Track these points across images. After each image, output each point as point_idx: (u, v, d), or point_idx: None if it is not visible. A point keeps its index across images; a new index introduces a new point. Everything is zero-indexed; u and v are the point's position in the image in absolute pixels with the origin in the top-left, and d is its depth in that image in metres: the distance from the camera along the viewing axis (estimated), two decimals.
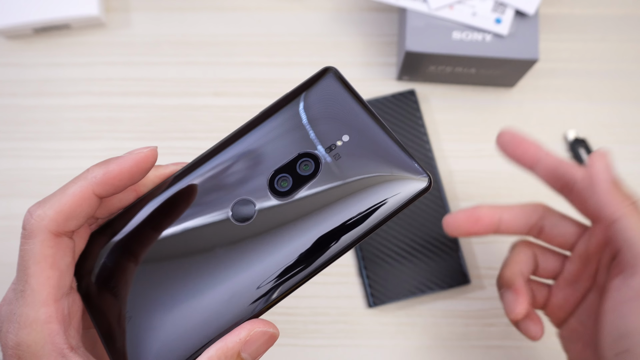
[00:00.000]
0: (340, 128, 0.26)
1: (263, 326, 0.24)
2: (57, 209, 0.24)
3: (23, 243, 0.24)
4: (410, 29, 0.45)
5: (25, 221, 0.24)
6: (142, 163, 0.25)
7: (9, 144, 0.49)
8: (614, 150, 0.49)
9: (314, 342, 0.46)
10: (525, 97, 0.51)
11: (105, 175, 0.24)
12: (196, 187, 0.27)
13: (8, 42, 0.52)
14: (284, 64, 0.51)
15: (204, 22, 0.52)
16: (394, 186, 0.25)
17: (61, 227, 0.24)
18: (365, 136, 0.26)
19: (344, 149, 0.26)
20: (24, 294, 0.23)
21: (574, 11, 0.52)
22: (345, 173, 0.26)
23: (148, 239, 0.26)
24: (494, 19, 0.45)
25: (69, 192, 0.24)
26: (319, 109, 0.27)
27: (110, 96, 0.51)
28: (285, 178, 0.26)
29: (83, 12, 0.50)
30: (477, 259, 0.47)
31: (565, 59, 0.51)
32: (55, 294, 0.24)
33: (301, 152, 0.26)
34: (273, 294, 0.25)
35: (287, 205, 0.26)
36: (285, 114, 0.27)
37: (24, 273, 0.24)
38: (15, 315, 0.23)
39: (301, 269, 0.25)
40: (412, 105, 0.49)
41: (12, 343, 0.23)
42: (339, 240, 0.25)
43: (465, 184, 0.49)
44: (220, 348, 0.24)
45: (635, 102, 0.50)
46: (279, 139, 0.27)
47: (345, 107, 0.26)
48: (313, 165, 0.26)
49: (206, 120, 0.50)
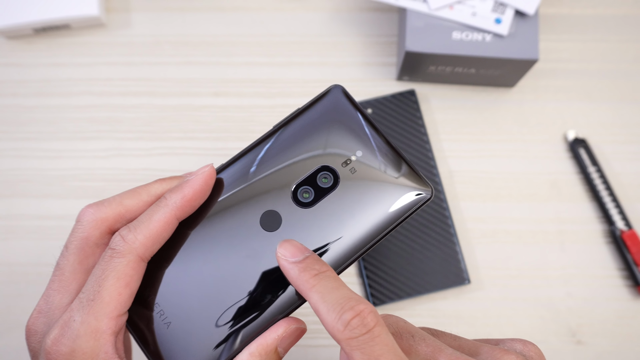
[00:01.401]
0: (353, 144, 0.29)
1: (296, 323, 0.27)
2: (147, 235, 0.26)
3: (110, 260, 0.26)
4: (410, 29, 0.45)
5: (116, 243, 0.26)
6: (210, 180, 0.28)
7: (10, 144, 0.50)
8: (614, 150, 0.49)
9: (314, 342, 0.46)
10: (525, 97, 0.51)
11: (183, 200, 0.27)
12: (224, 204, 0.29)
13: (8, 42, 0.52)
14: (284, 64, 0.51)
15: (204, 22, 0.52)
16: (403, 197, 0.29)
17: (148, 251, 0.27)
18: (375, 152, 0.29)
19: (358, 163, 0.29)
20: (92, 303, 0.25)
21: (574, 11, 0.52)
22: (360, 185, 0.29)
23: (177, 248, 0.29)
24: (494, 19, 0.45)
25: (155, 219, 0.27)
26: (331, 126, 0.30)
27: (110, 96, 0.51)
28: (307, 190, 0.29)
29: (83, 12, 0.50)
30: (477, 259, 0.47)
31: (565, 59, 0.51)
32: (120, 310, 0.26)
33: (321, 165, 0.29)
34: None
35: (309, 213, 0.29)
36: (302, 131, 0.30)
37: (98, 285, 0.26)
38: (76, 322, 0.25)
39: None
40: (412, 105, 0.49)
41: (65, 349, 0.25)
42: (357, 245, 0.28)
43: (465, 184, 0.49)
44: (260, 344, 0.27)
45: (635, 102, 0.50)
46: (299, 153, 0.30)
47: (355, 124, 0.29)
48: (332, 179, 0.29)
49: (206, 120, 0.50)
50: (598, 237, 0.48)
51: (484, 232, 0.48)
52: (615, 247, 0.47)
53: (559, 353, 0.45)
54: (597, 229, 0.48)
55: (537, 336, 0.45)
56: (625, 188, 0.48)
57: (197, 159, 0.49)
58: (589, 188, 0.48)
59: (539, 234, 0.48)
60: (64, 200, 0.48)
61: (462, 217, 0.48)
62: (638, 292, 0.46)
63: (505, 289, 0.47)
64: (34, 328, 0.27)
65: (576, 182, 0.49)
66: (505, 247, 0.47)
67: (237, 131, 0.50)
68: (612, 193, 0.47)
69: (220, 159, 0.49)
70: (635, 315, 0.46)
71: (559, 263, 0.47)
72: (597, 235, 0.48)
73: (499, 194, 0.49)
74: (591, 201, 0.48)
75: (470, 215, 0.48)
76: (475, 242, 0.48)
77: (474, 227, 0.48)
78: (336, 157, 0.29)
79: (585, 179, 0.49)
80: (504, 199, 0.48)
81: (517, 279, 0.47)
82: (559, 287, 0.47)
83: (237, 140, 0.49)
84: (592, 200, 0.48)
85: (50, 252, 0.47)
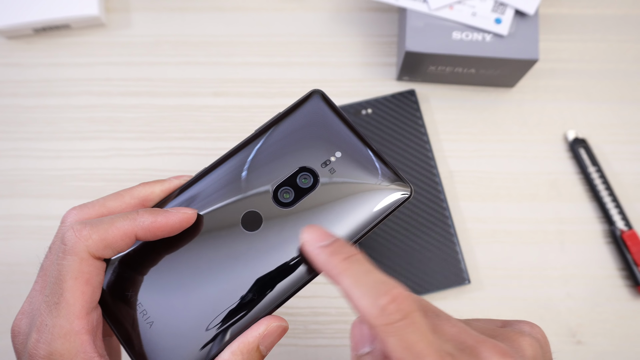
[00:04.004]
0: (332, 146, 0.30)
1: (277, 321, 0.28)
2: (102, 236, 0.26)
3: (62, 258, 0.26)
4: (410, 29, 0.45)
5: (68, 237, 0.26)
6: (185, 224, 0.28)
7: (10, 144, 0.49)
8: (614, 150, 0.49)
9: (314, 342, 0.46)
10: (525, 97, 0.51)
11: (151, 224, 0.27)
12: (206, 206, 0.30)
13: (8, 42, 0.52)
14: (284, 64, 0.51)
15: (204, 22, 0.52)
16: (382, 196, 0.29)
17: (100, 252, 0.26)
18: (354, 153, 0.30)
19: (337, 164, 0.30)
20: (58, 306, 0.25)
21: (574, 11, 0.52)
22: (339, 185, 0.29)
23: (160, 249, 0.29)
24: (494, 19, 0.45)
25: (116, 226, 0.26)
26: (311, 128, 0.30)
27: (110, 96, 0.51)
28: (287, 190, 0.29)
29: (83, 12, 0.50)
30: (477, 259, 0.47)
31: (565, 59, 0.51)
32: (88, 308, 0.26)
33: (300, 166, 0.30)
34: (285, 292, 0.28)
35: (290, 213, 0.29)
36: (282, 134, 0.30)
37: (59, 286, 0.25)
38: (48, 327, 0.25)
39: (305, 268, 0.29)
40: (412, 105, 0.49)
41: (43, 352, 0.25)
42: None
43: (465, 184, 0.49)
44: (242, 342, 0.27)
45: (635, 102, 0.50)
46: (278, 156, 0.30)
47: (334, 126, 0.30)
48: (312, 179, 0.30)
49: (206, 120, 0.50)
50: (598, 237, 0.48)
51: (484, 232, 0.48)
52: (615, 247, 0.47)
53: (559, 353, 0.45)
54: (597, 229, 0.48)
55: None
56: (625, 188, 0.48)
57: (196, 159, 0.49)
58: (589, 188, 0.48)
59: (539, 234, 0.48)
60: (64, 200, 0.48)
61: (462, 217, 0.48)
62: (638, 292, 0.46)
63: (505, 289, 0.47)
64: (17, 329, 0.28)
65: (576, 182, 0.49)
66: (505, 247, 0.47)
67: (237, 131, 0.50)
68: (612, 193, 0.47)
69: None
70: (635, 315, 0.46)
71: (559, 263, 0.47)
72: (597, 235, 0.48)
73: (499, 194, 0.48)
74: (591, 201, 0.48)
75: (470, 215, 0.48)
76: (475, 242, 0.47)
77: (473, 227, 0.48)
78: (315, 158, 0.30)
79: (585, 179, 0.49)
80: (504, 199, 0.48)
81: (517, 279, 0.47)
82: (559, 287, 0.47)
83: (237, 140, 0.49)
84: (592, 200, 0.48)
85: None
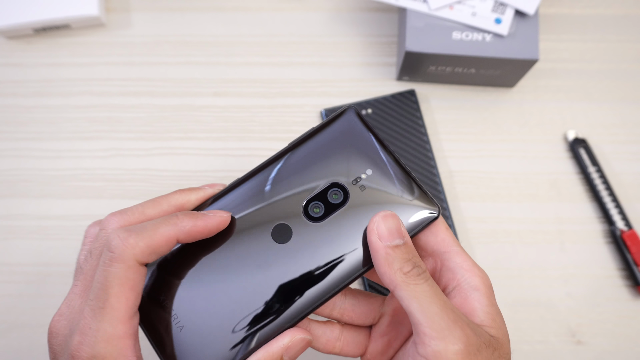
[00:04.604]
0: (364, 163, 0.30)
1: (302, 333, 0.29)
2: (148, 243, 0.27)
3: (109, 264, 0.26)
4: (410, 29, 0.45)
5: (115, 245, 0.26)
6: (222, 227, 0.29)
7: (10, 144, 0.49)
8: (614, 150, 0.49)
9: None
10: (525, 97, 0.51)
11: (192, 228, 0.28)
12: (240, 218, 0.30)
13: (8, 42, 0.52)
14: (284, 64, 0.51)
15: (204, 22, 0.52)
16: (409, 215, 0.30)
17: (146, 258, 0.27)
18: (384, 171, 0.30)
19: (367, 181, 0.30)
20: (103, 310, 0.26)
21: (574, 11, 0.52)
22: (369, 202, 0.30)
23: (192, 254, 0.30)
24: (494, 19, 0.45)
25: (160, 232, 0.27)
26: (343, 144, 0.31)
27: (110, 96, 0.51)
28: (317, 205, 0.30)
29: (83, 12, 0.50)
30: (477, 259, 0.47)
31: (565, 59, 0.51)
32: (130, 313, 0.27)
33: (332, 182, 0.30)
34: (310, 304, 0.29)
35: (319, 228, 0.30)
36: (315, 149, 0.31)
37: (105, 292, 0.26)
38: (92, 330, 0.26)
39: (330, 282, 0.29)
40: (412, 105, 0.49)
41: (86, 355, 0.26)
42: (363, 259, 0.29)
43: (465, 184, 0.49)
44: (267, 351, 0.28)
45: (635, 102, 0.50)
46: (311, 170, 0.31)
47: (366, 143, 0.31)
48: (342, 195, 0.30)
49: (206, 120, 0.50)
50: (598, 237, 0.48)
51: (484, 232, 0.48)
52: (615, 247, 0.47)
53: (559, 353, 0.45)
54: (597, 229, 0.48)
55: (537, 336, 0.45)
56: (625, 188, 0.48)
57: (197, 158, 0.49)
58: (589, 188, 0.48)
59: (539, 234, 0.48)
60: (64, 200, 0.48)
61: (462, 217, 0.48)
62: (638, 292, 0.46)
63: (505, 289, 0.47)
64: (55, 330, 0.28)
65: (576, 182, 0.49)
66: (505, 247, 0.47)
67: (237, 131, 0.50)
68: (612, 193, 0.47)
69: (220, 159, 0.49)
70: (635, 315, 0.46)
71: (559, 263, 0.47)
72: (597, 235, 0.48)
73: (499, 194, 0.48)
74: (591, 201, 0.48)
75: (470, 215, 0.48)
76: (475, 242, 0.47)
77: (473, 227, 0.48)
78: (347, 175, 0.30)
79: (585, 179, 0.49)
80: (504, 199, 0.48)
81: (517, 279, 0.47)
82: (559, 287, 0.47)
83: (237, 140, 0.49)
84: (592, 200, 0.48)
85: (50, 252, 0.47)
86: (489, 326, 0.29)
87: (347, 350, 0.33)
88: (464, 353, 0.26)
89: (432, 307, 0.26)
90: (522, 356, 0.45)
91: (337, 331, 0.33)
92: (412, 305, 0.27)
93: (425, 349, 0.26)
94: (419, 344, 0.27)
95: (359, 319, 0.33)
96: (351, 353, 0.33)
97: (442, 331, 0.26)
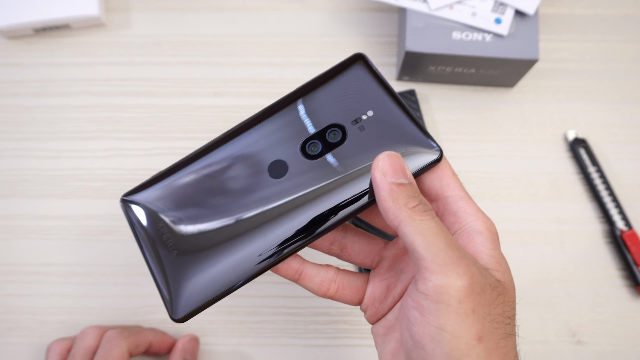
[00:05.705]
0: (366, 105, 0.31)
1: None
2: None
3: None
4: (410, 29, 0.45)
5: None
6: None
7: (10, 144, 0.50)
8: (614, 150, 0.49)
9: (315, 342, 0.46)
10: (525, 97, 0.51)
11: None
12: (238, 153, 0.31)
13: (8, 42, 0.52)
14: (284, 64, 0.51)
15: (204, 22, 0.52)
16: (410, 156, 0.29)
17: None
18: (387, 113, 0.30)
19: (367, 122, 0.30)
20: None
21: (574, 11, 0.52)
22: (368, 142, 0.30)
23: (192, 191, 0.31)
24: (494, 19, 0.45)
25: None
26: (348, 88, 0.31)
27: (110, 96, 0.51)
28: (315, 144, 0.31)
29: (83, 12, 0.50)
30: None
31: (565, 59, 0.51)
32: None
33: (331, 122, 0.31)
34: (306, 236, 0.29)
35: (316, 164, 0.30)
36: (320, 92, 0.32)
37: None
38: None
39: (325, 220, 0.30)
40: (412, 105, 0.49)
41: None
42: (359, 200, 0.29)
43: (465, 184, 0.49)
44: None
45: (635, 102, 0.50)
46: (313, 111, 0.31)
47: (370, 87, 0.31)
48: (340, 134, 0.30)
49: (206, 120, 0.50)
50: (598, 237, 0.48)
51: None
52: (615, 247, 0.47)
53: (559, 353, 0.45)
54: (597, 229, 0.48)
55: (537, 336, 0.45)
56: (625, 188, 0.48)
57: None
58: (589, 188, 0.48)
59: (539, 234, 0.48)
60: (64, 200, 0.48)
61: None
62: (638, 292, 0.46)
63: None
64: None
65: (576, 182, 0.49)
66: (505, 247, 0.47)
67: None
68: (612, 193, 0.47)
69: None
70: (635, 315, 0.46)
71: (559, 263, 0.47)
72: (597, 235, 0.48)
73: (499, 194, 0.49)
74: (591, 201, 0.48)
75: None
76: None
77: None
78: (347, 116, 0.31)
79: (585, 179, 0.49)
80: (504, 199, 0.48)
81: (517, 278, 0.47)
82: (559, 287, 0.47)
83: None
84: (592, 200, 0.48)
85: (50, 252, 0.47)
86: (495, 269, 0.27)
87: (343, 293, 0.32)
88: (467, 291, 0.24)
89: (437, 242, 0.25)
90: (522, 356, 0.45)
91: (332, 273, 0.32)
92: (417, 240, 0.25)
93: (426, 284, 0.24)
94: (419, 280, 0.25)
95: (357, 256, 0.32)
96: (347, 298, 0.32)
97: (445, 266, 0.24)
